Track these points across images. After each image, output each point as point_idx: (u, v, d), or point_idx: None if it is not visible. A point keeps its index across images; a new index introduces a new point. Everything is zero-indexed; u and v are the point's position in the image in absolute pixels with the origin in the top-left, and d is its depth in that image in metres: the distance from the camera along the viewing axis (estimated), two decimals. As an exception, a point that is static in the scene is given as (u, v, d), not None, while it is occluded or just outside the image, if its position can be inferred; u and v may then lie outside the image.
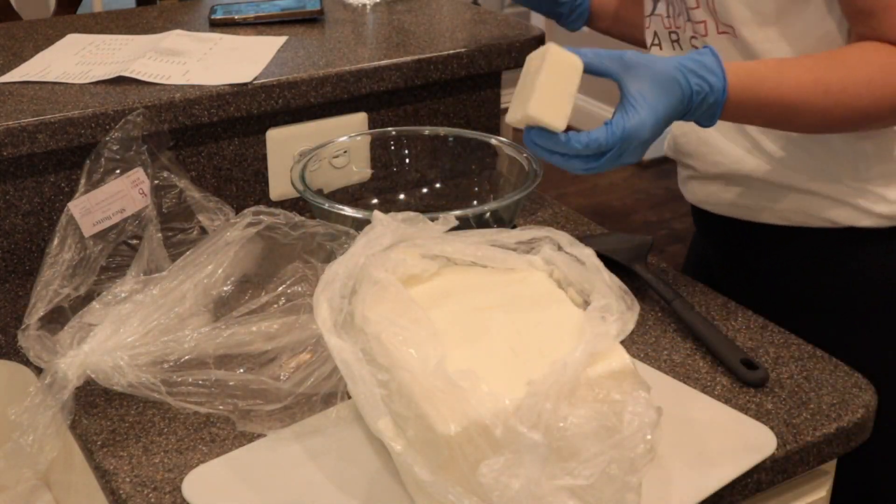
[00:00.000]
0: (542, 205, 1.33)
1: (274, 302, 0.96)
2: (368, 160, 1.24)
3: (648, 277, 1.10)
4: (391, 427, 0.77)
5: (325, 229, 1.00)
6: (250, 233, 0.98)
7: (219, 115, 1.19)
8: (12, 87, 1.19)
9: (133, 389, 0.88)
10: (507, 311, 0.83)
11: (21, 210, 1.14)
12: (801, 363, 0.99)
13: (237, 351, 0.92)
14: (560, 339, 0.79)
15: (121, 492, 0.84)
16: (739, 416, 0.91)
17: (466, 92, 1.39)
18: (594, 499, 0.71)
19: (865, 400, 0.94)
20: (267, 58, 1.28)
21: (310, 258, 0.99)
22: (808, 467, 0.90)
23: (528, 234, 0.89)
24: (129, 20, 1.47)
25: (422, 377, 0.73)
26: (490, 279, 0.88)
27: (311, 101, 1.25)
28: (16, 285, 1.15)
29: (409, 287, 0.84)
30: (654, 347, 1.02)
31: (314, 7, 1.46)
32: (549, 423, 0.71)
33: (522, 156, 1.16)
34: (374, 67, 1.28)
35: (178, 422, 0.91)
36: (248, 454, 0.87)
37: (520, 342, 0.79)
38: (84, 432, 0.90)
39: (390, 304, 0.80)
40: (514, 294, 0.85)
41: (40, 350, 0.90)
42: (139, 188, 1.11)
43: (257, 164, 1.27)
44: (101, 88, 1.18)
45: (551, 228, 0.89)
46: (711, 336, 1.00)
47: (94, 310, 0.95)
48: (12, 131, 1.08)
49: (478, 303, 0.84)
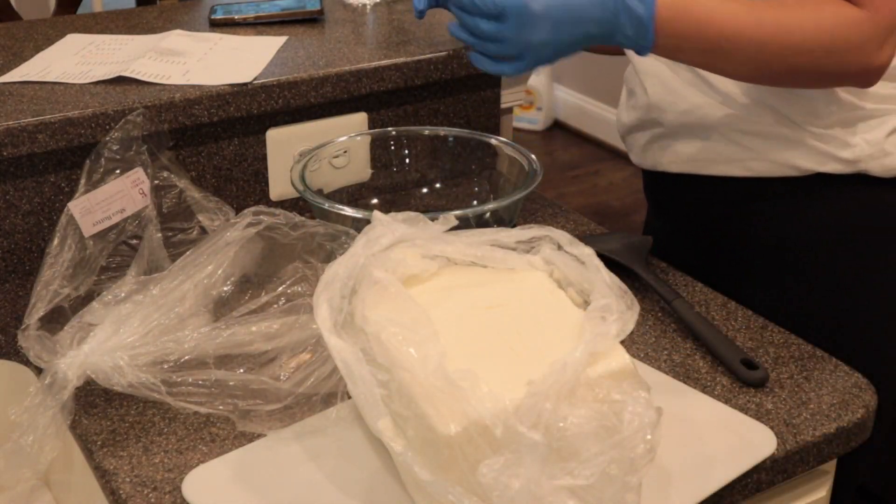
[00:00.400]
0: (542, 205, 1.33)
1: (274, 302, 0.96)
2: (368, 160, 1.24)
3: (648, 277, 1.10)
4: (391, 427, 0.77)
5: (325, 229, 1.00)
6: (250, 233, 0.98)
7: (219, 115, 1.19)
8: (12, 87, 1.19)
9: (133, 389, 0.88)
10: (508, 311, 0.83)
11: (21, 210, 1.14)
12: (801, 363, 0.99)
13: (237, 351, 0.92)
14: (560, 339, 0.79)
15: (121, 492, 0.84)
16: (739, 416, 0.91)
17: (466, 92, 1.39)
18: (594, 499, 0.71)
19: (865, 400, 0.94)
20: (267, 58, 1.28)
21: (310, 258, 0.99)
22: (808, 467, 0.90)
23: (527, 233, 0.89)
24: (129, 20, 1.47)
25: (422, 377, 0.73)
26: (490, 279, 0.88)
27: (311, 101, 1.25)
28: (16, 285, 1.15)
29: (409, 287, 0.84)
30: (654, 347, 1.02)
31: (314, 7, 1.46)
32: (549, 423, 0.71)
33: (522, 156, 1.16)
34: (374, 67, 1.28)
35: (178, 422, 0.91)
36: (248, 454, 0.87)
37: (520, 342, 0.79)
38: (84, 432, 0.90)
39: (390, 304, 0.80)
40: (514, 294, 0.85)
41: (40, 350, 0.90)
42: (139, 188, 1.11)
43: (257, 164, 1.27)
44: (101, 88, 1.18)
45: (551, 228, 0.89)
46: (711, 336, 1.00)
47: (94, 310, 0.95)
48: (12, 131, 1.08)
49: (478, 303, 0.84)
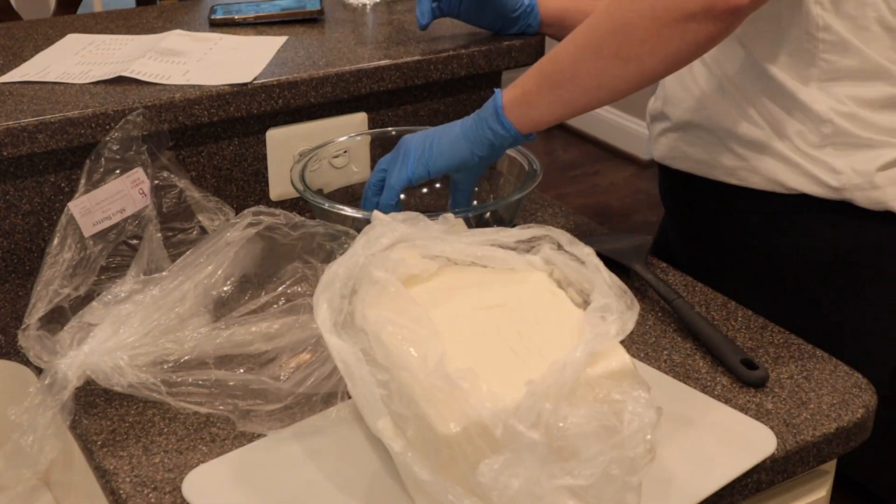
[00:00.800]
0: (542, 205, 1.33)
1: (274, 302, 0.96)
2: (368, 160, 1.24)
3: (648, 277, 1.10)
4: (391, 427, 0.77)
5: (325, 229, 1.00)
6: (250, 233, 0.98)
7: (219, 115, 1.19)
8: (12, 87, 1.19)
9: (133, 390, 0.88)
10: (508, 310, 0.83)
11: (21, 210, 1.14)
12: (801, 363, 0.99)
13: (237, 351, 0.92)
14: (560, 338, 0.79)
15: (121, 492, 0.84)
16: (739, 416, 0.91)
17: (466, 92, 1.39)
18: (594, 499, 0.71)
19: (865, 400, 0.94)
20: (267, 58, 1.28)
21: (310, 258, 0.99)
22: (808, 467, 0.90)
23: (527, 233, 0.89)
24: (129, 20, 1.47)
25: (421, 377, 0.73)
26: (490, 279, 0.88)
27: (311, 101, 1.25)
28: (16, 285, 1.15)
29: (409, 287, 0.84)
30: (654, 347, 1.02)
31: (314, 7, 1.46)
32: (549, 423, 0.71)
33: (522, 156, 1.15)
34: (374, 67, 1.28)
35: (178, 422, 0.91)
36: (248, 454, 0.87)
37: (520, 342, 0.79)
38: (84, 432, 0.90)
39: (390, 304, 0.80)
40: (514, 294, 0.85)
41: (40, 350, 0.90)
42: (139, 188, 1.11)
43: (257, 164, 1.27)
44: (101, 88, 1.18)
45: (551, 227, 0.89)
46: (711, 336, 1.00)
47: (94, 309, 0.95)
48: (12, 131, 1.08)
49: (478, 302, 0.84)
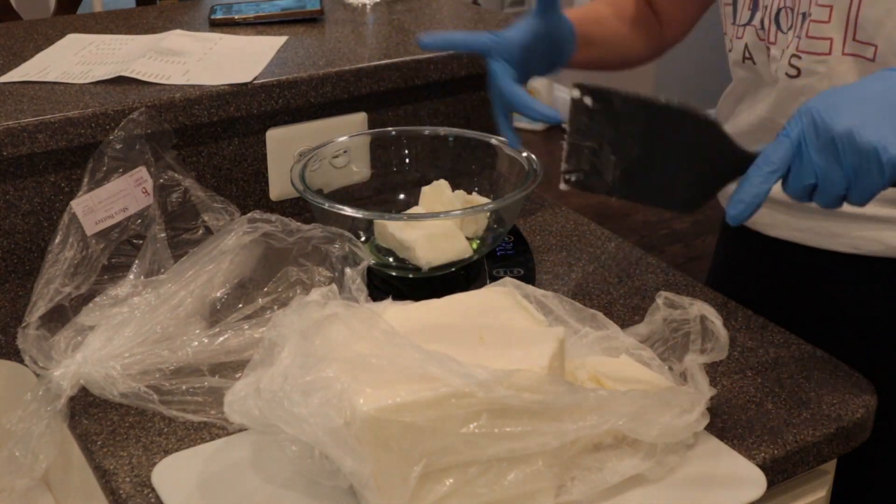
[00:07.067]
0: (542, 205, 1.33)
1: (268, 307, 0.96)
2: (368, 160, 1.24)
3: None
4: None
5: (321, 232, 1.00)
6: (245, 241, 0.98)
7: (219, 115, 1.19)
8: (12, 87, 1.19)
9: (125, 399, 0.89)
10: (469, 321, 0.84)
11: (21, 210, 1.14)
12: (801, 363, 0.99)
13: (232, 357, 0.92)
14: (521, 345, 0.80)
15: (121, 492, 0.83)
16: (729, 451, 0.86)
17: (466, 92, 1.39)
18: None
19: (865, 400, 0.94)
20: (267, 58, 1.28)
21: (305, 261, 0.99)
22: (808, 467, 0.90)
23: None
24: (129, 20, 1.47)
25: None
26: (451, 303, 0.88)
27: (311, 101, 1.25)
28: (16, 285, 1.15)
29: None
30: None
31: (314, 7, 1.46)
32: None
33: (522, 156, 1.15)
34: (374, 67, 1.28)
35: (178, 422, 0.91)
36: (221, 447, 0.87)
37: (482, 349, 0.80)
38: (84, 432, 0.90)
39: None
40: (476, 307, 0.86)
41: (36, 354, 0.91)
42: (142, 187, 1.11)
43: (257, 164, 1.27)
44: (102, 88, 1.18)
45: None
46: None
47: (91, 311, 0.95)
48: (12, 131, 1.08)
49: (440, 318, 0.84)
